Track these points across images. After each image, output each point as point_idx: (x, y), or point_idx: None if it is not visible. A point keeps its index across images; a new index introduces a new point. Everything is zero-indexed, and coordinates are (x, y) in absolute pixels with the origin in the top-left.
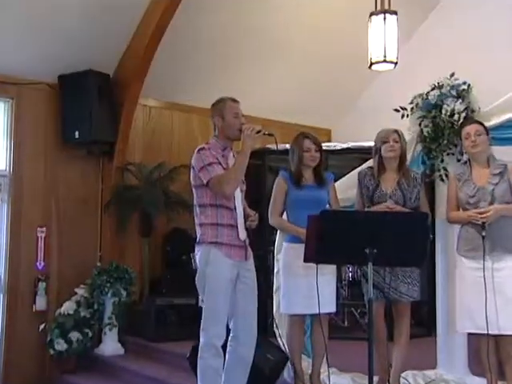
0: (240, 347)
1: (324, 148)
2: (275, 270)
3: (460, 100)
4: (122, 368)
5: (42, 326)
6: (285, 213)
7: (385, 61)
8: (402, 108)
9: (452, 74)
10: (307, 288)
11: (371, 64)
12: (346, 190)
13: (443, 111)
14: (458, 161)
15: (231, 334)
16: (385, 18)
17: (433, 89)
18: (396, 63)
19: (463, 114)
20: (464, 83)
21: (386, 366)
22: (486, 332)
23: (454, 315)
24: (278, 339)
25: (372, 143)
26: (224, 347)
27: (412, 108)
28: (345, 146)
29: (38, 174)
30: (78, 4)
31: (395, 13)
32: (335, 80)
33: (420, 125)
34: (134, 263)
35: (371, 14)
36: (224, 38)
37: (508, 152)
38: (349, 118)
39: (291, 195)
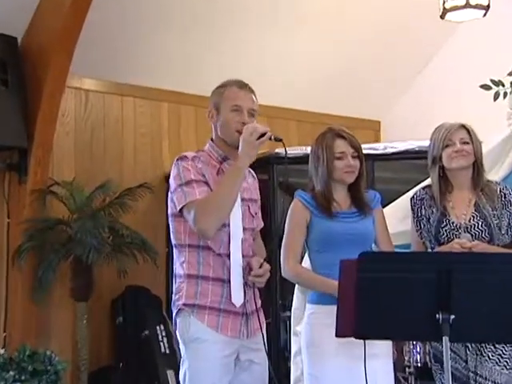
0: None
1: (367, 151)
2: (292, 351)
3: None
4: None
5: None
6: (306, 257)
7: (468, 5)
8: (494, 83)
9: None
10: (349, 379)
11: (445, 12)
12: (401, 219)
13: None
14: None
15: None
16: None
17: None
18: (487, 8)
19: None
20: None
21: None
22: None
23: None
24: None
25: None
26: None
27: None
28: (402, 146)
29: None
30: None
31: None
32: (386, 43)
33: None
34: (64, 346)
35: None
36: None
37: None
38: (408, 103)
39: (317, 229)
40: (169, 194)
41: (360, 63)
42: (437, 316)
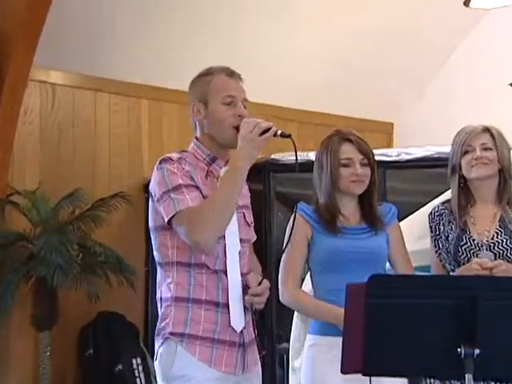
0: None
1: (378, 158)
2: None
3: None
4: None
5: None
6: (307, 279)
7: None
8: None
9: None
10: None
11: None
12: (416, 237)
13: None
14: None
15: None
16: None
17: None
18: None
19: None
20: None
21: None
22: None
23: None
24: None
25: None
26: None
27: None
28: (418, 152)
29: None
30: None
31: None
32: (400, 36)
33: None
34: (23, 382)
35: None
36: None
37: None
38: (426, 103)
39: (319, 247)
40: (150, 203)
41: (370, 58)
42: (458, 350)
